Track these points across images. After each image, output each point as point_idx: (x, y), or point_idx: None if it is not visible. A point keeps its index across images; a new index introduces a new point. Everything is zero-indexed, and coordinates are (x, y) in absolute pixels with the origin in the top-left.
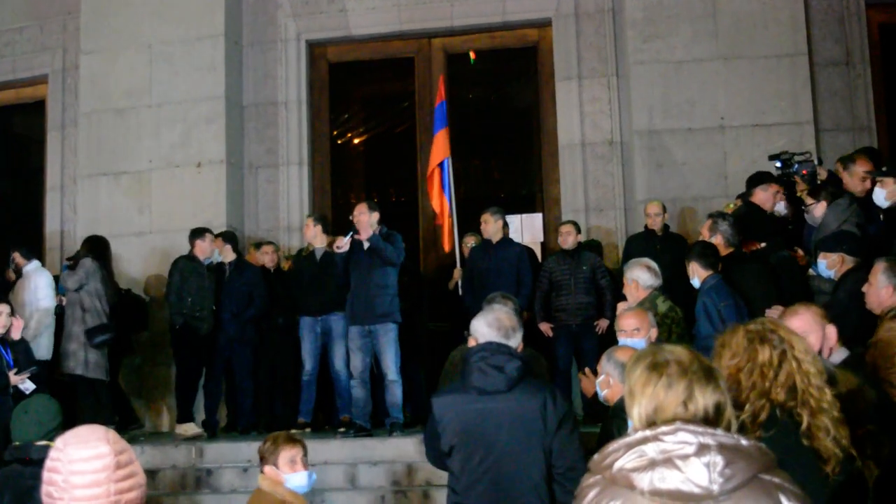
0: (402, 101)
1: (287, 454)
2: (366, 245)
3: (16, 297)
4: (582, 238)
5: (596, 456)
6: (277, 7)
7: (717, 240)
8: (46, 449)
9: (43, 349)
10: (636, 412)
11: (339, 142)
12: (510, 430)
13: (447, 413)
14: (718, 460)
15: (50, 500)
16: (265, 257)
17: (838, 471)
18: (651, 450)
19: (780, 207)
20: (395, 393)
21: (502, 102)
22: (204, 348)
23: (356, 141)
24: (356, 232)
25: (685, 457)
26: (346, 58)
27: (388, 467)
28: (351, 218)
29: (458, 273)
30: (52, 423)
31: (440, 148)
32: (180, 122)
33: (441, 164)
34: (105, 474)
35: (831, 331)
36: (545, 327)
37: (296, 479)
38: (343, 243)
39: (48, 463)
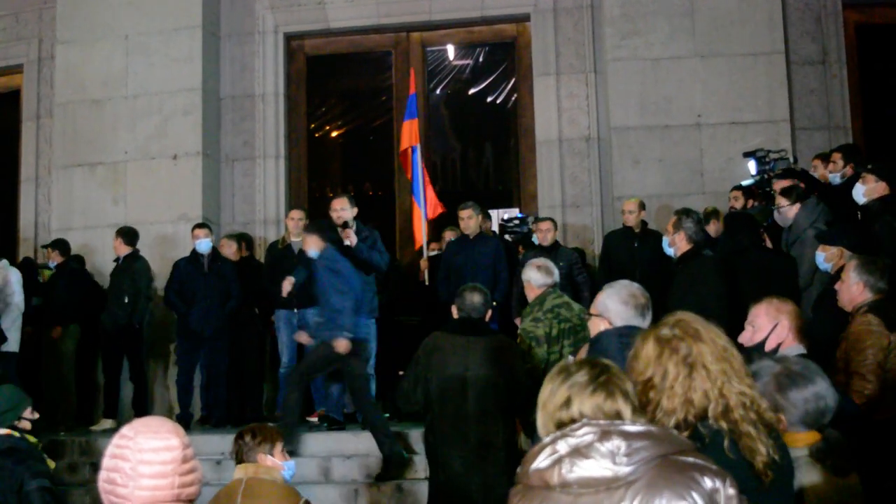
0: (379, 95)
1: (279, 444)
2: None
3: None
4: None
5: (518, 469)
6: None
7: (680, 236)
8: (8, 439)
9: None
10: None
11: (316, 135)
12: None
13: None
14: (621, 444)
15: (112, 486)
16: (228, 250)
17: (770, 475)
18: (561, 447)
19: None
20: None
21: (480, 98)
22: (120, 343)
23: (333, 134)
24: (347, 226)
25: (588, 444)
26: (324, 51)
27: (361, 461)
28: (332, 213)
29: (424, 264)
30: (21, 408)
31: (406, 135)
32: (156, 114)
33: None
34: (172, 466)
35: (784, 323)
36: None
37: (290, 467)
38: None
39: (113, 449)
